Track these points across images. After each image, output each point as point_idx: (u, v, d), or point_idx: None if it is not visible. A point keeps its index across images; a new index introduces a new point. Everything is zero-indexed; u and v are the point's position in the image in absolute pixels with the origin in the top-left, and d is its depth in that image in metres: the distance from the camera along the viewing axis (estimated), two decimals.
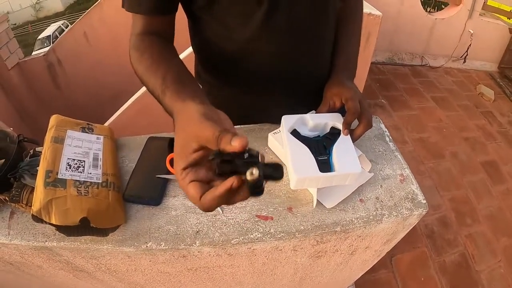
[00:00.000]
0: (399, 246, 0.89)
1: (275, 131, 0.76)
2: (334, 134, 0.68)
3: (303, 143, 0.64)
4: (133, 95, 2.13)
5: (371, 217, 0.66)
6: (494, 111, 3.65)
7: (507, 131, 3.39)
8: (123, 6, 0.69)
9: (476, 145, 3.11)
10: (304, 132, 0.68)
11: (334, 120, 0.68)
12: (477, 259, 2.15)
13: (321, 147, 0.66)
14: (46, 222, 0.57)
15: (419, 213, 0.68)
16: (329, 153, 0.64)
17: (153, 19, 0.68)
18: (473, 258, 2.15)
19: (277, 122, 0.70)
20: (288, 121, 0.67)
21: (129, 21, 0.69)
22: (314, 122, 0.68)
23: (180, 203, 0.68)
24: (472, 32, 4.07)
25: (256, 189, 0.39)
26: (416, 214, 0.69)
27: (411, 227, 0.75)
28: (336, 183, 0.63)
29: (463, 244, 2.23)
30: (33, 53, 11.49)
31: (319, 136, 0.69)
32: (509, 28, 4.26)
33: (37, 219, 0.58)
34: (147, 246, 0.62)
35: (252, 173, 0.37)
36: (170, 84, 0.56)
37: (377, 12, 2.01)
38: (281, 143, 0.70)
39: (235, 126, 0.85)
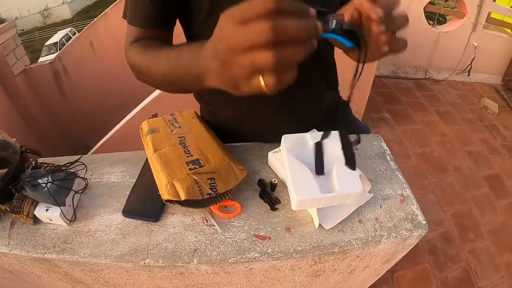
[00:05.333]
0: (400, 262, 0.88)
1: (275, 150, 0.76)
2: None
3: (304, 162, 0.64)
4: (137, 105, 2.15)
5: (369, 238, 0.65)
6: (498, 124, 3.63)
7: (511, 145, 3.36)
8: (123, 17, 0.71)
9: (479, 159, 3.09)
10: (305, 151, 0.68)
11: (335, 139, 0.68)
12: (480, 275, 2.12)
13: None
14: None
15: (418, 234, 0.68)
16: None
17: (150, 32, 0.69)
18: (476, 274, 2.12)
19: (277, 140, 0.70)
20: (288, 140, 0.67)
21: None
22: (314, 141, 0.68)
23: (179, 220, 0.68)
24: (476, 45, 4.07)
25: None
26: (416, 235, 0.68)
27: (411, 247, 0.75)
28: (337, 203, 0.63)
29: (466, 260, 2.20)
30: (40, 59, 11.70)
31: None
32: None
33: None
34: (144, 263, 0.62)
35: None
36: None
37: None
38: (281, 162, 0.71)
39: (234, 144, 0.86)
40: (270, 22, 0.32)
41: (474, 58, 4.15)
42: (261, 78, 0.36)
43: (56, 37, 14.17)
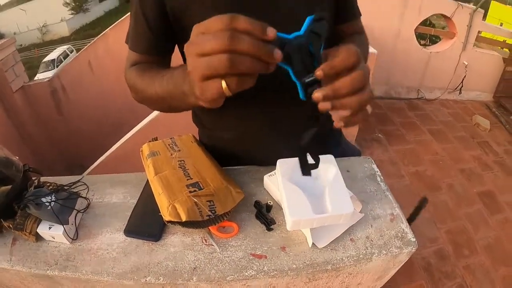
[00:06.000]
0: (396, 279, 0.90)
1: (270, 173, 0.80)
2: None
3: (298, 185, 0.67)
4: (134, 126, 2.18)
5: (361, 256, 0.68)
6: (490, 140, 3.70)
7: (503, 160, 3.42)
8: (126, 42, 0.75)
9: (472, 176, 3.13)
10: (298, 174, 0.72)
11: (327, 163, 0.72)
12: None
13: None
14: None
15: (408, 251, 0.71)
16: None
17: (149, 57, 0.74)
18: None
19: (272, 162, 0.74)
20: (283, 165, 0.71)
21: None
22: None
23: (179, 240, 0.70)
24: (466, 63, 4.18)
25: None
26: (406, 252, 0.71)
27: (402, 264, 0.77)
28: (330, 223, 0.67)
29: (461, 276, 2.22)
30: (37, 75, 11.74)
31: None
32: (503, 58, 4.37)
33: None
34: (146, 280, 0.64)
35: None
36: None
37: (373, 50, 2.11)
38: (276, 185, 0.74)
39: (231, 168, 0.88)
40: (227, 33, 0.36)
41: (465, 77, 4.25)
42: (223, 81, 0.39)
43: (53, 54, 14.30)
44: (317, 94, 0.43)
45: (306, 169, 0.51)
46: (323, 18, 0.43)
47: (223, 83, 0.38)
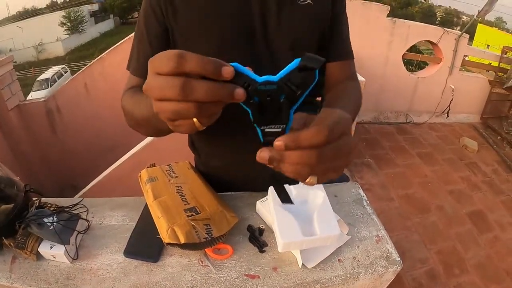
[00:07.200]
0: None
1: (262, 199, 0.85)
2: None
3: (289, 210, 0.72)
4: (128, 149, 2.21)
5: (348, 275, 0.73)
6: (478, 161, 3.78)
7: (492, 180, 3.49)
8: (128, 68, 0.78)
9: (461, 197, 3.19)
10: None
11: (315, 189, 0.77)
12: None
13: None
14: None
15: (393, 270, 0.76)
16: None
17: None
18: None
19: (263, 188, 0.79)
20: (274, 191, 0.76)
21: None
22: (297, 191, 0.78)
23: (176, 261, 0.74)
24: (453, 87, 4.31)
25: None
26: (391, 271, 0.76)
27: (389, 283, 0.82)
28: (318, 245, 0.71)
29: None
30: (31, 93, 11.73)
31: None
32: (488, 80, 4.52)
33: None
34: None
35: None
36: None
37: (361, 78, 2.21)
38: (268, 210, 0.79)
39: (226, 193, 0.91)
40: (179, 82, 0.32)
41: (452, 100, 4.37)
42: (194, 119, 0.36)
43: (48, 74, 14.37)
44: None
45: (284, 197, 0.46)
46: (312, 68, 0.34)
47: (195, 120, 0.36)
